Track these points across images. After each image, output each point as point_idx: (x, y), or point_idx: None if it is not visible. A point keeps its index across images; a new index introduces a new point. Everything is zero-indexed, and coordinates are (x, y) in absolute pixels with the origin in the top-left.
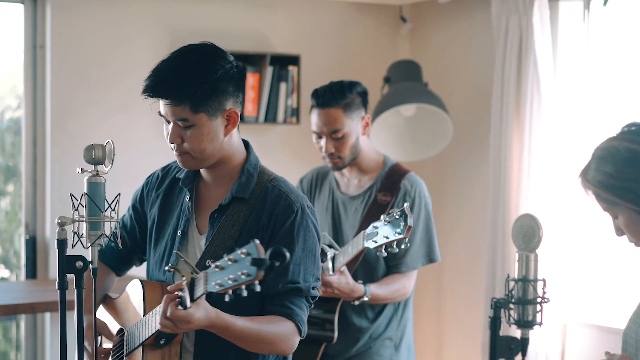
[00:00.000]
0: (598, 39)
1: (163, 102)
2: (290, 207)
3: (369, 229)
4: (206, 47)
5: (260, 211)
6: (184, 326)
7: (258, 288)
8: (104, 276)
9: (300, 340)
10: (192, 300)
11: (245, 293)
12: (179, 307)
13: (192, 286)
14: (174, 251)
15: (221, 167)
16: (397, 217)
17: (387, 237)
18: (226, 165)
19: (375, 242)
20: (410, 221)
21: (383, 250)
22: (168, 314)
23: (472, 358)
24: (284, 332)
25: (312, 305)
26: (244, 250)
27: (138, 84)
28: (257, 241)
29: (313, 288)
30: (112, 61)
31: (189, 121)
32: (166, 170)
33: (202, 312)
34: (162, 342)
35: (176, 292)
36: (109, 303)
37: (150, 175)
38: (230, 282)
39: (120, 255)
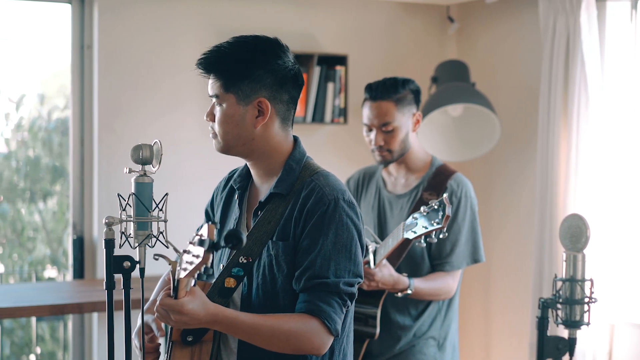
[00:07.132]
0: None
1: (210, 77)
2: (322, 199)
3: (409, 220)
4: (265, 39)
5: (294, 206)
6: (177, 317)
7: (210, 271)
8: None
9: None
10: (174, 286)
11: (204, 278)
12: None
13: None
14: (167, 240)
15: (262, 161)
16: (435, 207)
17: (426, 227)
18: (268, 160)
19: (415, 232)
20: (448, 210)
21: (422, 241)
22: (159, 301)
23: (519, 358)
24: (304, 329)
25: (348, 303)
26: (199, 232)
27: (185, 85)
28: (210, 223)
29: (351, 285)
30: (159, 61)
31: (220, 98)
32: (232, 173)
33: (196, 304)
34: (189, 339)
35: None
36: None
37: (221, 180)
38: (189, 265)
39: None
